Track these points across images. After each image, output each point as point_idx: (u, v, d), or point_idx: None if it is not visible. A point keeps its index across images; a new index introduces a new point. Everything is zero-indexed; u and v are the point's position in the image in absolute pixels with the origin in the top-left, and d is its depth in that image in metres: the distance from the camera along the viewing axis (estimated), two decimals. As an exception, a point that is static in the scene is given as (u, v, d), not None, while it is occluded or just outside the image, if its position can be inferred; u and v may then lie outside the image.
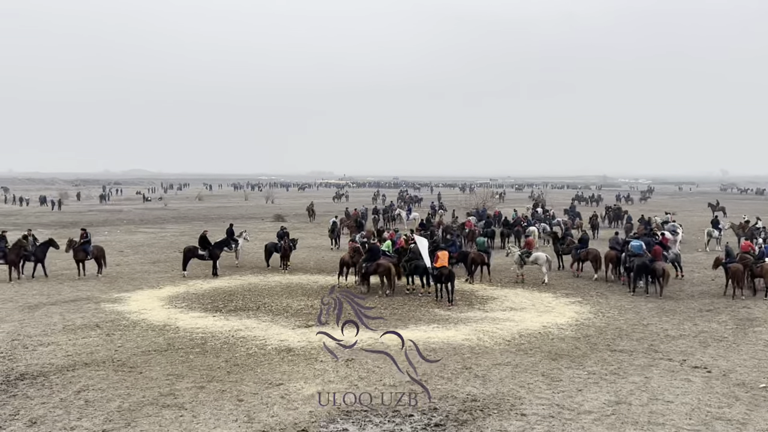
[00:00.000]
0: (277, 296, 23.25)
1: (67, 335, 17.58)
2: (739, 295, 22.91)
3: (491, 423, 11.53)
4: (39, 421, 11.59)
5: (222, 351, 16.09)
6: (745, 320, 19.69)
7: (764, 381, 13.93)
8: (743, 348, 16.58)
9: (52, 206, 74.70)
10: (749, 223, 40.44)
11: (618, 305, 21.81)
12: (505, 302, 22.35)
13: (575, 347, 16.53)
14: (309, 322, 19.04)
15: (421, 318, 19.82)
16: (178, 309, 21.05)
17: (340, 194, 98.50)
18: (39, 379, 13.94)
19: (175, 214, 66.76)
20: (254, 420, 11.65)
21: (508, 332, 18.00)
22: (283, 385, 13.47)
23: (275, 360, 15.30)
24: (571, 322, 19.30)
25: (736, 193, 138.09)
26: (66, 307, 21.25)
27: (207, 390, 13.19)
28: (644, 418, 11.74)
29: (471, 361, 15.19)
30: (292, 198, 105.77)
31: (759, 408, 12.33)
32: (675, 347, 16.59)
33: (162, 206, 79.80)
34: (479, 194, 71.37)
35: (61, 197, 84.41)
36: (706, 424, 11.52)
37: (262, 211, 71.35)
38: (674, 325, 18.98)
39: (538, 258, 26.44)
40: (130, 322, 19.21)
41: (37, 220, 57.73)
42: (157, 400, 12.60)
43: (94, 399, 12.69)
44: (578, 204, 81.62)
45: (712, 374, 14.38)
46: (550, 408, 12.24)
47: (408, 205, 65.14)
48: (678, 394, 13.01)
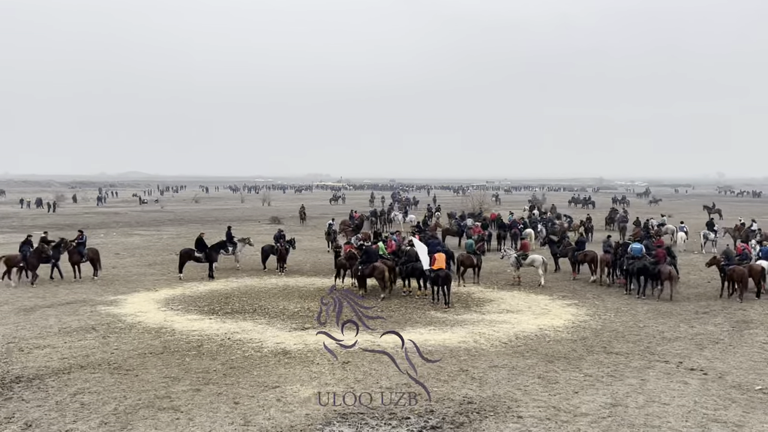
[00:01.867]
0: (274, 299, 23.23)
1: (62, 338, 17.54)
2: (739, 296, 22.97)
3: (488, 425, 11.53)
4: (35, 424, 11.56)
5: (218, 354, 16.06)
6: (741, 322, 19.73)
7: (760, 383, 13.95)
8: (739, 350, 16.61)
9: (48, 208, 74.55)
10: (744, 225, 40.55)
11: (614, 307, 21.83)
12: (502, 305, 22.35)
13: (572, 349, 16.54)
14: (305, 325, 19.03)
15: (417, 320, 19.82)
16: (174, 311, 21.02)
17: (336, 197, 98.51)
18: (35, 381, 13.90)
19: (171, 216, 66.66)
20: (250, 423, 11.63)
21: (505, 334, 18.01)
22: (279, 388, 13.45)
23: (271, 363, 15.28)
24: (568, 325, 19.31)
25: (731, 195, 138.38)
26: (62, 309, 21.20)
27: (203, 393, 13.16)
28: (640, 421, 11.75)
29: (468, 364, 15.19)
30: (288, 200, 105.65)
31: (755, 410, 12.35)
32: (671, 349, 16.61)
33: (158, 208, 79.70)
34: (476, 196, 71.40)
35: (57, 199, 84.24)
36: (702, 426, 11.53)
37: (258, 213, 71.31)
38: (670, 328, 19.00)
39: (535, 260, 26.47)
40: (126, 324, 19.17)
41: (33, 222, 57.58)
42: (153, 403, 12.58)
43: (89, 402, 12.65)
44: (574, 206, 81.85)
45: (708, 376, 14.40)
46: (546, 410, 12.24)
47: (405, 208, 65.13)
48: (674, 397, 13.03)
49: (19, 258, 26.10)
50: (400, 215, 54.90)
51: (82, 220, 59.73)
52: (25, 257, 26.09)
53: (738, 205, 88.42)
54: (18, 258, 26.13)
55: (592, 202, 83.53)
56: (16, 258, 26.14)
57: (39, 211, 74.98)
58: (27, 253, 26.28)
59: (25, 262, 26.08)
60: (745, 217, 47.89)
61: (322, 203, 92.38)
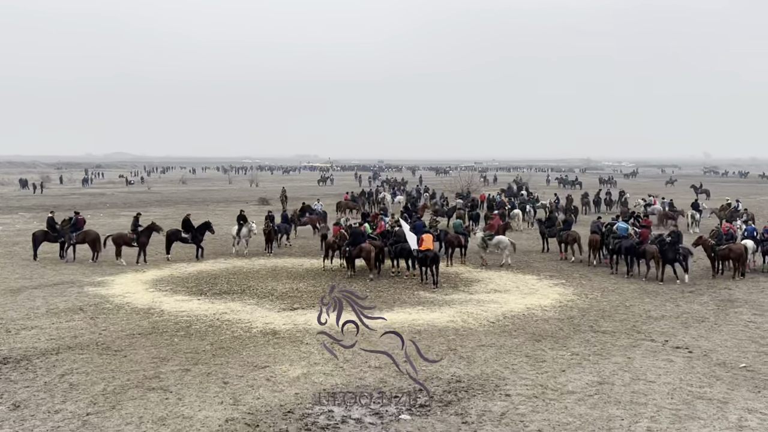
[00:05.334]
0: (263, 279, 23.22)
1: (50, 319, 17.49)
2: (741, 274, 23.41)
3: (476, 403, 11.63)
4: (23, 405, 11.54)
5: (207, 334, 16.07)
6: (726, 301, 19.94)
7: (744, 361, 14.13)
8: (724, 328, 16.79)
9: (33, 189, 74.00)
10: (730, 205, 40.85)
11: (601, 287, 21.99)
12: (490, 284, 22.46)
13: (559, 328, 16.67)
14: (294, 305, 19.07)
15: (406, 301, 19.89)
16: (162, 292, 20.98)
17: (324, 178, 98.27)
18: (22, 363, 13.86)
19: (158, 197, 66.31)
20: (240, 402, 11.67)
21: (493, 314, 18.11)
22: (268, 368, 13.49)
23: (261, 343, 15.31)
24: (555, 304, 19.44)
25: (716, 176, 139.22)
26: (49, 290, 21.11)
27: (192, 373, 13.18)
28: (627, 398, 11.88)
29: (456, 343, 15.29)
30: (276, 181, 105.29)
31: (739, 387, 12.51)
32: (657, 328, 16.78)
33: (145, 190, 79.25)
34: (464, 177, 71.42)
35: (43, 180, 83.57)
36: (687, 403, 11.68)
37: (246, 194, 71.07)
38: (656, 307, 19.18)
39: (501, 242, 26.21)
40: (114, 305, 19.12)
41: (18, 203, 57.18)
42: (142, 383, 12.59)
43: (78, 382, 12.65)
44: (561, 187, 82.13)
45: (693, 354, 14.57)
46: (533, 388, 12.35)
47: (393, 189, 65.10)
48: (660, 374, 13.17)
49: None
50: (388, 196, 54.91)
51: (69, 201, 59.33)
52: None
53: (722, 186, 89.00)
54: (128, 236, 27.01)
55: (580, 183, 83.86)
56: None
57: (25, 192, 74.40)
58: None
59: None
60: (731, 197, 48.27)
61: (309, 184, 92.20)
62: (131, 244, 26.93)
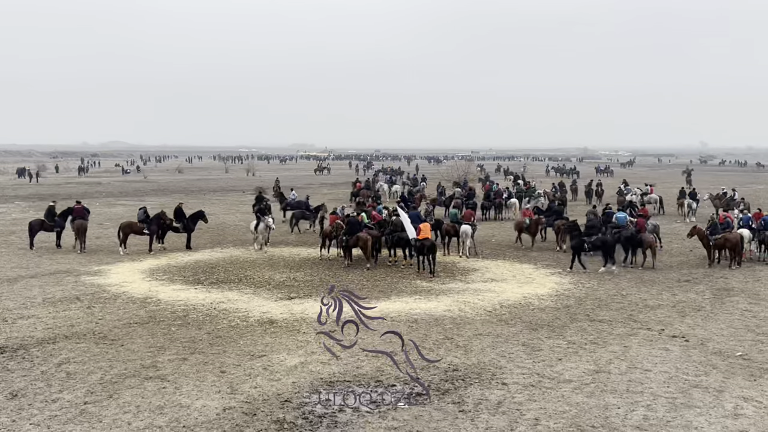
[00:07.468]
0: (259, 269, 23.21)
1: (47, 308, 17.46)
2: (738, 263, 23.43)
3: (472, 392, 11.66)
4: (20, 394, 11.54)
5: (204, 323, 16.07)
6: (722, 290, 19.98)
7: (740, 349, 14.17)
8: (720, 317, 16.84)
9: (29, 178, 73.78)
10: (726, 194, 40.90)
11: (597, 276, 22.02)
12: (487, 274, 22.49)
13: (555, 317, 16.70)
14: (291, 295, 19.07)
15: (403, 290, 19.90)
16: (159, 282, 20.96)
17: (321, 167, 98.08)
18: (19, 352, 13.85)
19: (154, 186, 66.18)
20: (237, 391, 11.68)
21: (489, 303, 18.14)
22: (265, 357, 13.50)
23: (258, 332, 15.32)
24: (552, 293, 19.47)
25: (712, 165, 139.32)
26: (45, 280, 21.08)
27: (189, 362, 13.19)
28: (623, 387, 11.92)
29: (452, 332, 15.31)
30: (273, 170, 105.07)
31: (735, 376, 12.56)
32: (653, 317, 16.82)
33: (141, 179, 79.07)
34: (461, 167, 71.36)
35: (39, 169, 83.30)
36: (683, 392, 11.72)
37: (243, 183, 70.95)
38: (653, 295, 19.22)
39: (463, 231, 25.93)
40: (111, 294, 19.10)
41: (14, 192, 57.01)
42: (139, 372, 12.59)
43: (75, 371, 12.64)
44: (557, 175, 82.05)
45: (689, 343, 14.61)
46: (530, 377, 12.39)
47: (390, 178, 65.00)
48: (656, 363, 13.21)
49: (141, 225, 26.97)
50: (385, 186, 54.86)
51: (65, 190, 59.17)
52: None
53: (718, 174, 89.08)
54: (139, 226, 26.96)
55: (577, 172, 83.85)
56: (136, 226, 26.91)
57: (21, 181, 74.17)
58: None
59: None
60: (727, 186, 48.33)
61: (306, 173, 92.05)
62: (142, 232, 26.86)
